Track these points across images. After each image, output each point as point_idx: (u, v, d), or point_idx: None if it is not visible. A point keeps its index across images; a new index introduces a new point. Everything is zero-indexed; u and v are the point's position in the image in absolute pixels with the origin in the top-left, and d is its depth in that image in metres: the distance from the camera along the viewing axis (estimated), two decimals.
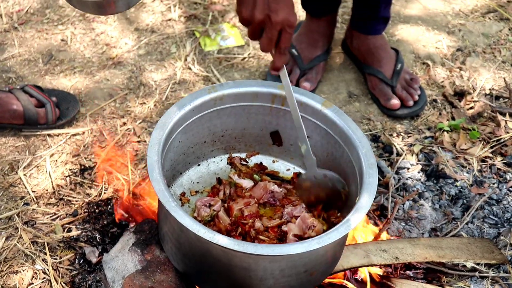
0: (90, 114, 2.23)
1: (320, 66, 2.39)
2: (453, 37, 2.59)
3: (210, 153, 1.86)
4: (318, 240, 1.47)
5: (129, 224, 1.92)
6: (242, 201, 1.72)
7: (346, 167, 1.70)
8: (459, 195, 2.10)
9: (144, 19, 2.56)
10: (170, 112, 1.66)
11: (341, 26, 2.59)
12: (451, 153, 2.22)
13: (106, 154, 2.11)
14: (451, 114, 2.34)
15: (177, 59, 2.43)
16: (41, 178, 2.05)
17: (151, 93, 2.32)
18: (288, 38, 1.52)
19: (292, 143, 1.85)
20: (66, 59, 2.40)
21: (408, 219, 2.03)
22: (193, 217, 1.57)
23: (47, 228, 1.92)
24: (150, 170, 1.53)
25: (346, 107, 2.34)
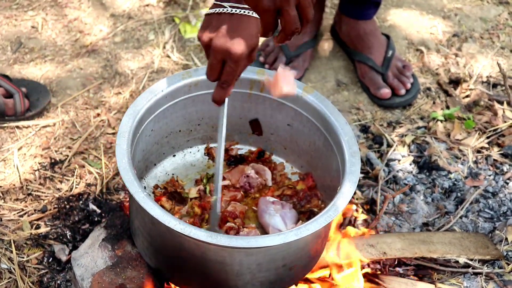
0: (62, 105, 2.25)
1: (307, 53, 2.41)
2: (448, 22, 2.61)
3: (186, 143, 1.88)
4: (296, 231, 1.48)
5: (101, 220, 1.93)
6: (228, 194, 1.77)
7: (328, 156, 1.72)
8: (452, 188, 2.12)
9: (120, 4, 2.58)
10: (141, 99, 1.68)
11: (330, 11, 2.61)
12: (445, 144, 2.24)
13: (78, 146, 2.13)
14: (446, 103, 2.36)
15: (155, 46, 2.45)
16: (8, 172, 2.07)
17: (127, 83, 2.33)
18: (228, 71, 1.47)
19: (273, 132, 1.87)
20: (37, 47, 2.41)
21: (398, 213, 2.05)
22: None
23: (14, 225, 1.94)
24: (119, 159, 1.55)
25: (334, 96, 2.36)
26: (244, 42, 1.45)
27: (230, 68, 1.47)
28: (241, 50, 1.44)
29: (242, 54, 1.45)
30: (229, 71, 1.47)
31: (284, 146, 1.87)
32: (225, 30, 1.45)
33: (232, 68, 1.46)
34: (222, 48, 1.44)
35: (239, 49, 1.44)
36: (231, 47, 1.44)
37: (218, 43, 1.45)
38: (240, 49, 1.44)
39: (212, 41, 1.45)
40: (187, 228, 1.46)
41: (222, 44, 1.44)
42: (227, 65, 1.46)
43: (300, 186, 1.85)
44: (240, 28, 1.45)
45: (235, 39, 1.44)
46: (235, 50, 1.44)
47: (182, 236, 1.47)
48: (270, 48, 2.41)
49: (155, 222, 1.50)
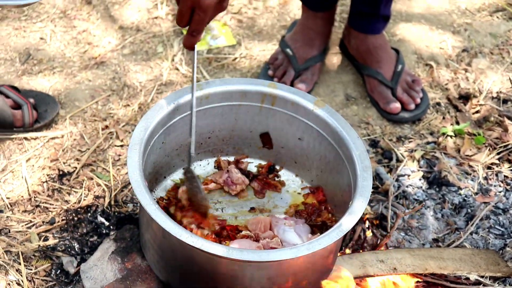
0: (70, 117, 2.27)
1: (316, 67, 2.44)
2: (458, 37, 2.64)
3: (196, 156, 1.90)
4: (307, 245, 1.50)
5: (109, 233, 1.95)
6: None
7: (339, 170, 1.74)
8: (463, 204, 2.14)
9: (129, 16, 2.61)
10: (153, 111, 1.70)
11: (339, 25, 2.64)
12: (455, 160, 2.26)
13: (87, 158, 2.15)
14: (456, 118, 2.38)
15: (163, 59, 2.48)
16: (16, 184, 2.09)
17: (135, 95, 2.36)
18: (197, 20, 1.54)
19: (284, 146, 1.89)
20: (45, 59, 2.44)
21: (408, 228, 2.07)
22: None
23: (22, 237, 1.95)
24: (131, 172, 1.57)
25: (343, 110, 2.38)
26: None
27: (198, 16, 1.54)
28: (210, 1, 1.52)
29: (211, 3, 1.52)
30: (198, 19, 1.54)
31: (295, 160, 1.90)
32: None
33: (201, 16, 1.54)
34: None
35: (209, 0, 1.51)
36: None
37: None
38: (209, 1, 1.51)
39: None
40: (199, 241, 1.48)
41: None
42: (196, 14, 1.53)
43: (310, 199, 1.87)
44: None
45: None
46: (205, 1, 1.51)
47: (194, 249, 1.48)
48: (279, 62, 2.44)
49: (166, 235, 1.52)
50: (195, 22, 1.55)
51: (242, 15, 2.66)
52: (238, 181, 1.87)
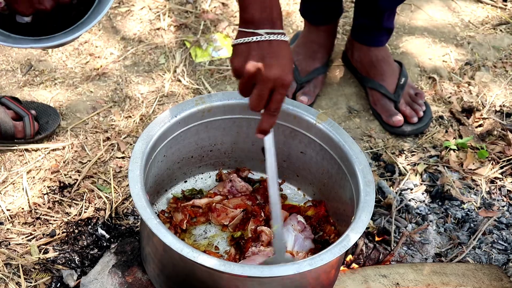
0: (71, 128, 2.27)
1: (318, 79, 2.44)
2: (461, 50, 2.64)
3: (198, 169, 1.90)
4: (309, 261, 1.50)
5: (110, 246, 1.95)
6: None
7: (342, 184, 1.74)
8: (465, 219, 2.13)
9: (131, 28, 2.62)
10: (155, 124, 1.70)
11: (341, 37, 2.64)
12: (458, 173, 2.25)
13: (88, 170, 2.15)
14: (458, 132, 2.38)
15: (165, 70, 2.48)
16: (16, 195, 2.08)
17: (137, 106, 2.36)
18: (279, 99, 1.48)
19: (286, 160, 1.88)
20: (47, 70, 2.44)
21: (410, 243, 2.06)
22: None
23: (22, 249, 1.95)
24: (132, 185, 1.57)
25: (345, 123, 2.38)
26: (290, 68, 1.48)
27: (280, 95, 1.48)
28: (291, 76, 1.48)
29: (291, 80, 1.49)
30: (280, 98, 1.49)
31: (297, 173, 1.89)
32: (270, 58, 1.45)
33: (283, 95, 1.48)
34: (274, 77, 1.45)
35: (290, 76, 1.47)
36: (283, 75, 1.46)
37: (270, 73, 1.45)
38: (290, 76, 1.48)
39: (262, 72, 1.45)
40: (200, 256, 1.47)
41: (274, 73, 1.45)
42: (277, 93, 1.47)
43: (311, 212, 1.86)
44: (281, 54, 1.47)
45: (283, 66, 1.46)
46: (286, 77, 1.46)
47: (195, 264, 1.48)
48: None
49: (167, 249, 1.51)
50: (276, 102, 1.48)
51: None
52: (242, 189, 1.86)
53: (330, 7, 2.39)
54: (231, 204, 1.84)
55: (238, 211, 1.83)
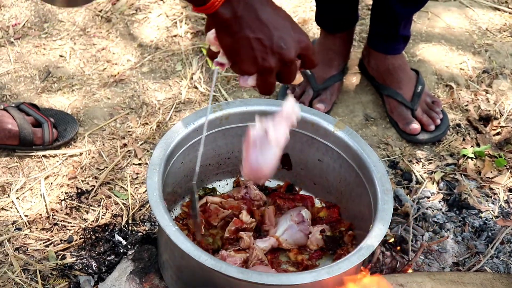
0: (89, 135, 2.28)
1: (335, 86, 2.44)
2: (479, 58, 2.63)
3: (215, 176, 1.90)
4: (328, 269, 1.50)
5: (127, 252, 1.95)
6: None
7: (359, 192, 1.74)
8: (483, 227, 2.12)
9: (148, 35, 2.63)
10: (173, 131, 1.71)
11: (358, 44, 2.64)
12: (475, 182, 2.24)
13: (105, 177, 2.16)
14: (476, 140, 2.37)
15: (182, 77, 2.49)
16: (34, 201, 2.10)
17: (154, 113, 2.37)
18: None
19: (303, 167, 1.89)
20: (65, 76, 2.46)
21: (428, 252, 2.06)
22: None
23: (40, 255, 1.96)
24: (150, 192, 1.58)
25: (362, 130, 2.38)
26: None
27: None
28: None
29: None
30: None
31: (314, 181, 1.89)
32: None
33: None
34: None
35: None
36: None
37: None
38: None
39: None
40: (218, 264, 1.48)
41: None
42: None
43: (324, 213, 1.87)
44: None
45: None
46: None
47: (213, 272, 1.48)
48: None
49: (185, 256, 1.51)
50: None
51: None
52: (256, 197, 1.86)
53: (346, 14, 2.40)
54: (227, 205, 1.84)
55: (228, 212, 1.82)
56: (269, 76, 1.32)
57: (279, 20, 1.29)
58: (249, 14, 1.27)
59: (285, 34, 1.29)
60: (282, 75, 1.34)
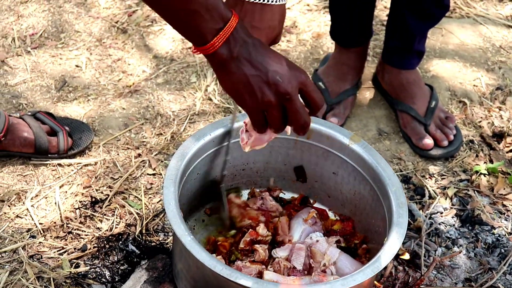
0: (103, 144, 2.30)
1: (348, 100, 2.45)
2: (492, 75, 2.65)
3: (230, 187, 1.91)
4: (342, 281, 1.51)
5: (140, 262, 1.97)
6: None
7: (374, 205, 1.75)
8: (496, 244, 2.13)
9: (163, 46, 2.66)
10: (190, 142, 1.72)
11: (371, 59, 2.66)
12: (488, 198, 2.25)
13: (119, 186, 2.18)
14: (489, 156, 2.38)
15: (197, 89, 2.51)
16: (49, 209, 2.12)
17: (168, 124, 2.39)
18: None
19: (317, 180, 1.90)
20: (80, 86, 2.49)
21: (440, 267, 2.06)
22: None
23: (54, 263, 1.98)
24: (167, 202, 1.59)
25: (375, 145, 2.39)
26: (265, 37, 1.49)
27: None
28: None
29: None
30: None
31: (328, 194, 1.91)
32: (246, 23, 1.42)
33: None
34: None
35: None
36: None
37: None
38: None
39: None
40: (234, 274, 1.49)
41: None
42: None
43: (338, 226, 1.87)
44: (263, 19, 1.46)
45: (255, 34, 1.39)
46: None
47: (228, 282, 1.49)
48: None
49: (200, 266, 1.53)
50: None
51: (275, 47, 2.69)
52: (272, 208, 1.88)
53: (360, 29, 2.42)
54: (247, 215, 1.85)
55: (248, 222, 1.83)
56: (273, 110, 1.36)
57: (274, 59, 1.35)
58: (245, 54, 1.33)
59: (280, 69, 1.34)
60: (288, 114, 1.37)
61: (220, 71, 1.36)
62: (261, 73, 1.33)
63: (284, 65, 1.35)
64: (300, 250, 1.73)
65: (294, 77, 1.35)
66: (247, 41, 1.33)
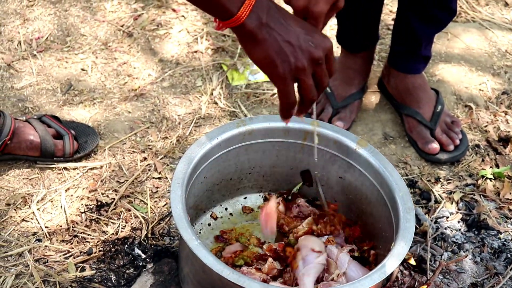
0: (109, 148, 2.31)
1: (354, 104, 2.45)
2: (498, 79, 2.65)
3: (236, 191, 1.92)
4: (349, 286, 1.50)
5: (146, 266, 1.97)
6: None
7: (381, 210, 1.75)
8: (502, 249, 2.12)
9: (169, 50, 2.66)
10: (196, 146, 1.73)
11: (377, 63, 2.66)
12: (494, 203, 2.25)
13: (125, 190, 2.18)
14: (495, 161, 2.38)
15: (202, 93, 2.52)
16: (55, 213, 2.12)
17: (174, 128, 2.39)
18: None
19: (324, 184, 1.90)
20: (86, 90, 2.49)
21: (446, 271, 2.06)
22: None
23: (60, 267, 1.98)
24: (173, 206, 1.59)
25: (381, 149, 2.39)
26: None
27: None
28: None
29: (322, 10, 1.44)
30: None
31: (335, 198, 1.90)
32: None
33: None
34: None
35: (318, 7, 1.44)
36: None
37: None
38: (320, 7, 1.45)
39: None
40: (241, 278, 1.49)
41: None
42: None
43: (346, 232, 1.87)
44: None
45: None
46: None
47: (235, 286, 1.49)
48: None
49: (206, 270, 1.53)
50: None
51: None
52: (310, 214, 1.86)
53: (367, 34, 2.42)
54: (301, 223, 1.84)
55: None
56: (306, 78, 1.37)
57: (301, 24, 1.37)
58: (274, 21, 1.34)
59: (311, 34, 1.37)
60: (316, 77, 1.39)
61: (249, 42, 1.35)
62: (293, 38, 1.34)
63: (313, 30, 1.37)
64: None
65: (323, 43, 1.37)
66: (272, 7, 1.33)
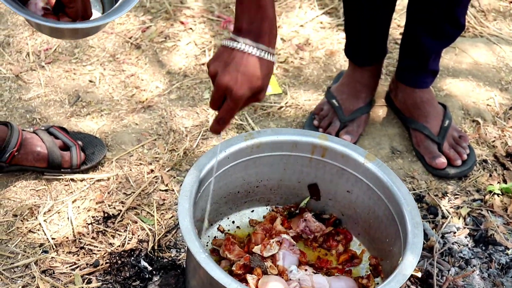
0: (116, 159, 2.31)
1: (362, 118, 2.46)
2: (506, 95, 2.65)
3: (243, 204, 1.92)
4: None
5: (152, 278, 1.97)
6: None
7: (388, 225, 1.75)
8: (510, 264, 2.12)
9: (176, 62, 2.67)
10: (204, 158, 1.73)
11: (385, 78, 2.67)
12: (502, 218, 2.24)
13: (131, 202, 2.18)
14: (503, 176, 2.38)
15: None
16: (61, 224, 2.12)
17: (181, 140, 2.40)
18: (226, 109, 1.53)
19: (331, 198, 1.90)
20: (94, 101, 2.50)
21: (453, 287, 2.05)
22: None
23: (66, 278, 1.98)
24: (181, 218, 1.59)
25: (388, 163, 2.39)
26: (248, 85, 1.50)
27: (228, 106, 1.52)
28: (242, 92, 1.50)
29: (243, 96, 1.50)
30: (227, 108, 1.53)
31: (342, 212, 1.91)
32: (232, 67, 1.49)
33: (230, 106, 1.52)
34: (224, 86, 1.50)
35: (240, 91, 1.49)
36: (233, 87, 1.49)
37: (223, 80, 1.49)
38: (241, 91, 1.49)
39: (217, 76, 1.50)
40: None
41: (226, 81, 1.49)
42: (226, 103, 1.52)
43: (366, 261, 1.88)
44: (248, 68, 1.49)
45: (239, 79, 1.48)
46: (236, 91, 1.49)
47: None
48: (324, 112, 2.46)
49: (214, 283, 1.53)
50: (223, 111, 1.54)
51: (288, 65, 2.71)
52: (316, 230, 1.87)
53: (375, 48, 2.43)
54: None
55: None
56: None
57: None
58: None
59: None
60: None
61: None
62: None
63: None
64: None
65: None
66: None
